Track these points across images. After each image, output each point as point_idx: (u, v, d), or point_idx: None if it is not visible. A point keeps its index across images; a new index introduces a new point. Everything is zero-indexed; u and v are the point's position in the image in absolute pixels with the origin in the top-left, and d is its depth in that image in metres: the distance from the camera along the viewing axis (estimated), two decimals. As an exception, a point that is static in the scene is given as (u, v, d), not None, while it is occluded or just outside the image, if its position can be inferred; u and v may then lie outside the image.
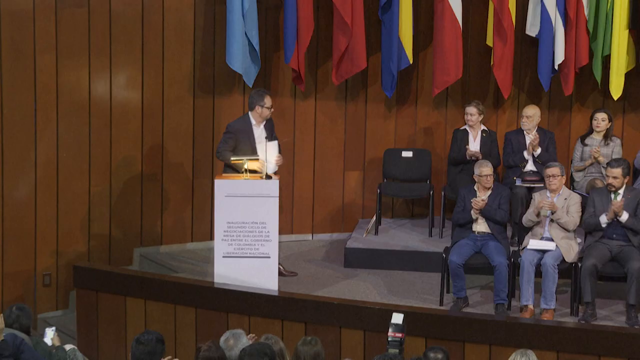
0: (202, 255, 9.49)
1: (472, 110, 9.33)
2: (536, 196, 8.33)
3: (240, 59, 9.28)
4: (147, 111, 9.54)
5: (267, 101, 8.49)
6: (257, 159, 8.34)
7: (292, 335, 7.51)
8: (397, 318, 5.86)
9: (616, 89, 9.35)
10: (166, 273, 9.02)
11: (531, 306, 7.99)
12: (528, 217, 8.28)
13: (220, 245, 8.13)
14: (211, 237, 8.97)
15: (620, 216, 8.00)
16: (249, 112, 8.53)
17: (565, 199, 8.24)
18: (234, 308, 7.91)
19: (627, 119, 9.80)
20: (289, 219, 9.96)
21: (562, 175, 8.27)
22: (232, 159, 8.35)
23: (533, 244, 8.14)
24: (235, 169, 8.32)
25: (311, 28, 9.42)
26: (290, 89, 9.88)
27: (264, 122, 8.50)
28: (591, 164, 9.07)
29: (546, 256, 8.06)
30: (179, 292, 8.14)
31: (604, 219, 8.06)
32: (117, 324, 8.29)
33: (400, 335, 5.82)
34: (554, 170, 8.25)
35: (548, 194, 8.28)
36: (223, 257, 8.13)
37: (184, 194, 9.75)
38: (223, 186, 8.13)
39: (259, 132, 8.44)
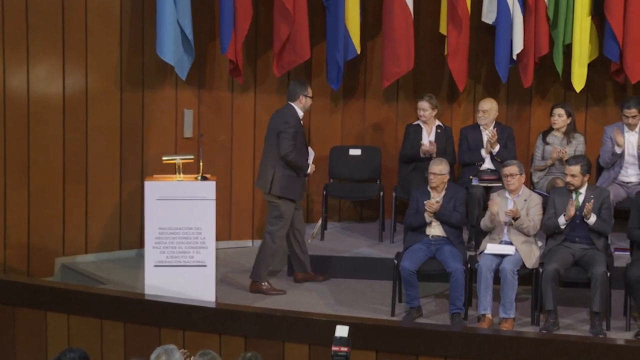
0: (132, 265, 9.41)
1: (424, 105, 9.37)
2: (494, 197, 8.38)
3: (172, 49, 9.21)
4: (69, 106, 9.42)
5: (310, 91, 8.73)
6: (192, 159, 8.29)
7: (230, 351, 7.47)
8: (342, 331, 5.87)
9: (578, 81, 9.44)
10: (91, 285, 8.93)
11: (489, 315, 8.03)
12: (486, 222, 8.33)
13: (151, 253, 8.08)
14: (141, 245, 8.89)
15: (588, 219, 8.08)
16: (291, 104, 8.65)
17: (525, 200, 8.30)
18: (167, 322, 7.86)
19: (590, 112, 9.91)
20: (227, 224, 9.91)
21: (521, 175, 8.33)
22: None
23: (491, 248, 8.19)
24: (297, 171, 8.57)
25: (249, 15, 9.38)
26: (228, 82, 9.83)
27: None
28: (553, 164, 9.15)
29: (505, 261, 8.10)
30: (105, 305, 8.06)
31: (562, 220, 8.13)
32: (37, 341, 8.18)
33: (345, 349, 5.83)
34: (512, 169, 8.31)
35: (507, 194, 8.34)
36: (155, 266, 8.10)
37: (111, 197, 9.65)
38: (154, 188, 8.08)
39: None
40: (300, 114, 8.71)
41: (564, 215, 8.11)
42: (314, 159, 8.83)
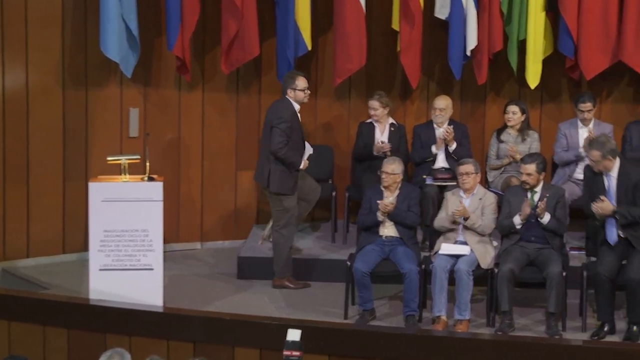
0: (76, 269, 9.34)
1: (374, 104, 9.41)
2: (448, 196, 8.45)
3: (116, 45, 9.16)
4: (8, 105, 9.35)
5: (301, 83, 8.70)
6: (138, 159, 8.26)
7: (179, 357, 7.46)
8: (294, 334, 5.89)
9: (533, 77, 9.54)
10: (33, 290, 8.86)
11: (444, 317, 8.09)
12: (440, 222, 8.39)
13: (96, 256, 8.05)
14: (85, 248, 8.82)
15: (541, 218, 8.17)
16: (287, 97, 8.72)
17: (480, 199, 8.37)
18: (113, 327, 7.81)
19: (545, 109, 10.02)
20: (175, 226, 9.89)
21: (477, 173, 8.40)
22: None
23: (445, 248, 8.25)
24: (288, 167, 8.57)
25: (197, 10, 9.36)
26: (175, 79, 9.80)
27: None
28: (509, 163, 9.23)
29: (460, 262, 8.16)
30: (48, 311, 8.00)
31: (517, 220, 8.21)
32: (-23, 349, 8.09)
33: (297, 353, 5.86)
34: (467, 167, 8.37)
35: (461, 193, 8.41)
36: (100, 270, 8.06)
37: (54, 199, 9.58)
38: (99, 189, 8.04)
39: None
40: (297, 106, 8.74)
41: (519, 214, 8.19)
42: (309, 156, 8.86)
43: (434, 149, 9.31)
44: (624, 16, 9.31)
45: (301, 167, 8.77)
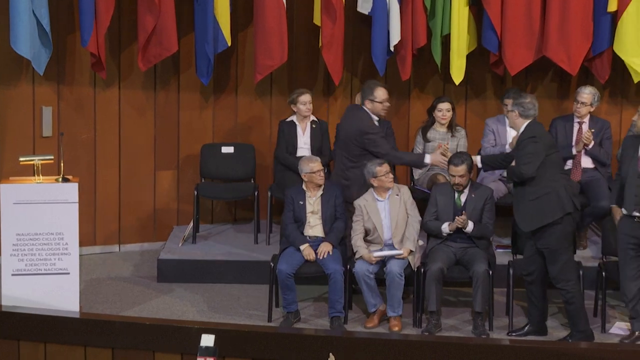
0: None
1: (308, 98, 9.39)
2: (365, 200, 8.43)
3: (28, 42, 9.04)
4: None
5: (380, 94, 8.57)
6: (51, 159, 8.16)
7: (97, 364, 7.39)
8: (207, 340, 5.92)
9: (457, 73, 9.63)
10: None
11: (381, 307, 8.21)
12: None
13: (8, 261, 7.94)
14: (-2, 253, 8.70)
15: (465, 228, 8.24)
16: (365, 108, 8.62)
17: (397, 195, 8.35)
18: (27, 334, 7.71)
19: (469, 105, 10.14)
20: (92, 229, 9.80)
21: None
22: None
23: (378, 254, 8.21)
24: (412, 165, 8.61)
25: (112, 5, 9.28)
26: (90, 76, 9.71)
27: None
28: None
29: (391, 264, 8.19)
30: (-43, 319, 7.85)
31: (446, 229, 8.28)
32: None
33: (211, 359, 5.86)
34: (385, 167, 8.34)
35: (375, 195, 8.38)
36: (12, 275, 7.95)
37: (-37, 202, 9.42)
38: (10, 191, 7.92)
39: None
40: (374, 118, 8.65)
41: (449, 225, 8.26)
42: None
43: None
44: (547, 11, 9.45)
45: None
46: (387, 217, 8.32)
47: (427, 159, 8.62)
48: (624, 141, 8.09)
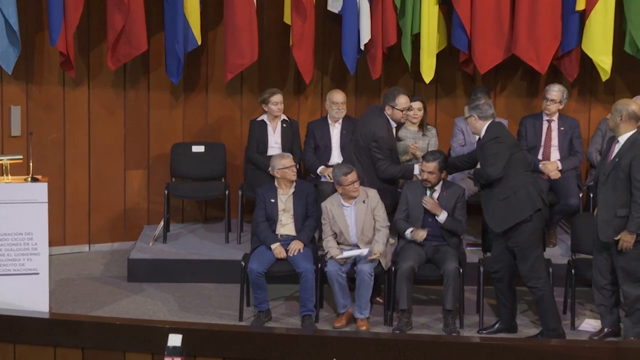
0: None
1: (279, 98, 9.40)
2: (333, 205, 8.45)
3: (-5, 40, 9.02)
4: None
5: (402, 102, 8.57)
6: (20, 159, 8.14)
7: (67, 364, 7.38)
8: (175, 340, 5.93)
9: (427, 71, 9.68)
10: None
11: (350, 310, 8.23)
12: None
13: (-24, 262, 7.89)
14: (-34, 253, 8.66)
15: (438, 216, 8.30)
16: (385, 113, 8.63)
17: (364, 201, 8.37)
18: (-4, 336, 7.69)
19: (440, 104, 10.19)
20: (61, 229, 9.78)
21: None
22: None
23: (347, 253, 8.23)
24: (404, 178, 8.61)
25: (81, 4, 9.25)
26: (59, 75, 9.68)
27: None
28: (408, 160, 9.33)
29: (362, 263, 8.23)
30: None
31: (408, 236, 8.33)
32: None
33: (179, 359, 5.88)
34: (351, 177, 8.30)
35: (342, 201, 8.40)
36: (-20, 276, 7.90)
37: None
38: (-22, 191, 7.87)
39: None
40: (393, 124, 8.67)
41: (411, 231, 8.30)
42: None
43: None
44: (516, 10, 9.52)
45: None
46: (353, 222, 8.34)
47: (416, 169, 8.65)
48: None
